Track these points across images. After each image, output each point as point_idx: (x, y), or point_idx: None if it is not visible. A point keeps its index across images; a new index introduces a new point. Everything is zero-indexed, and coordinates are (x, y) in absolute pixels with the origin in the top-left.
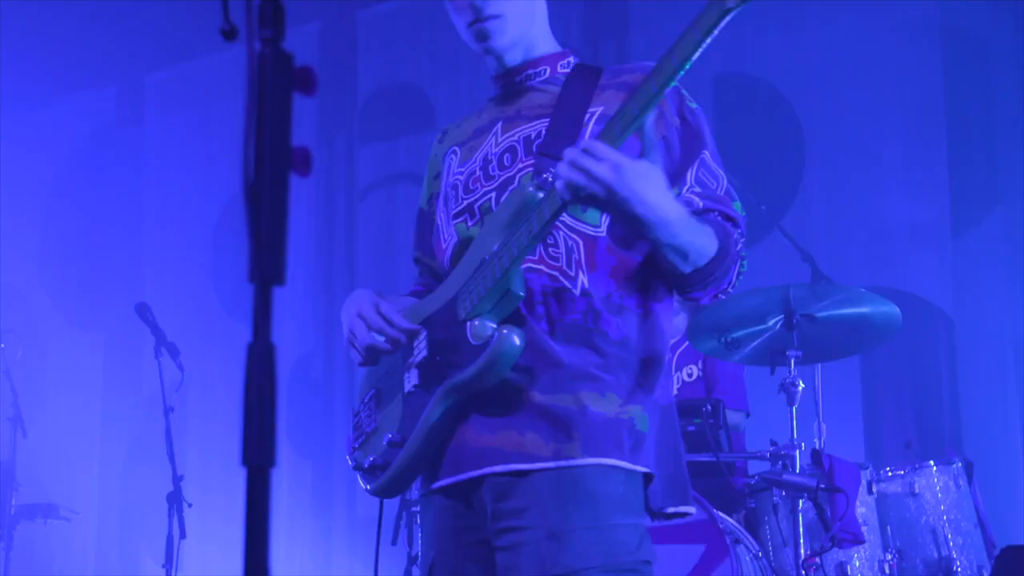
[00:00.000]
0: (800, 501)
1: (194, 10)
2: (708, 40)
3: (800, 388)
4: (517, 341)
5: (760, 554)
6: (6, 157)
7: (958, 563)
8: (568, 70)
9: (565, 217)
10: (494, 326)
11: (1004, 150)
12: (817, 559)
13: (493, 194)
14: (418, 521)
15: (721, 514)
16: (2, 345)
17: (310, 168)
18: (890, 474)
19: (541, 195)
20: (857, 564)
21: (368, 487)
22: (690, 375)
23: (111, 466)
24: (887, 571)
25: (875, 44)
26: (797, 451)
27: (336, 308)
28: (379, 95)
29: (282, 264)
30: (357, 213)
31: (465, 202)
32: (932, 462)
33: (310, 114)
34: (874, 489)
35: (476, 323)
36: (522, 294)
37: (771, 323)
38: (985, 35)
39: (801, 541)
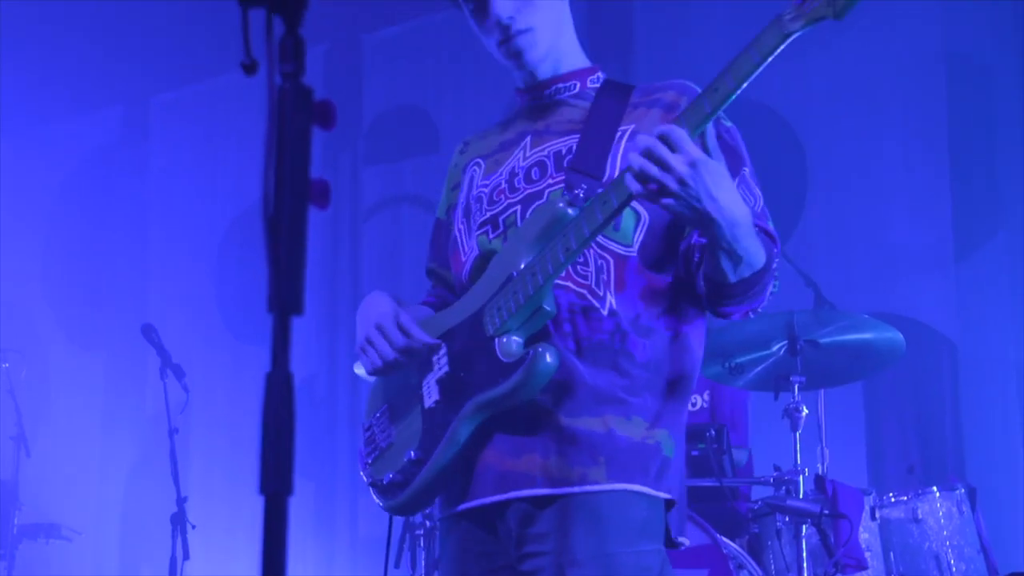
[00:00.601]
0: (804, 526)
1: (200, 33)
2: (766, 63)
3: (804, 414)
4: (551, 360)
5: None
6: (12, 176)
7: None
8: (597, 85)
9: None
10: (521, 342)
11: (1006, 174)
12: None
13: (518, 207)
14: (421, 544)
15: (724, 539)
16: (6, 364)
17: (329, 200)
18: (893, 500)
19: (571, 212)
20: None
21: (384, 504)
22: (693, 404)
23: (114, 486)
24: None
25: (877, 69)
26: (801, 476)
27: (340, 330)
28: (384, 117)
29: (301, 294)
30: (361, 235)
31: (489, 214)
32: (935, 488)
33: (315, 136)
34: (877, 515)
35: (505, 340)
36: (553, 311)
37: (775, 349)
38: (988, 60)
39: (805, 567)
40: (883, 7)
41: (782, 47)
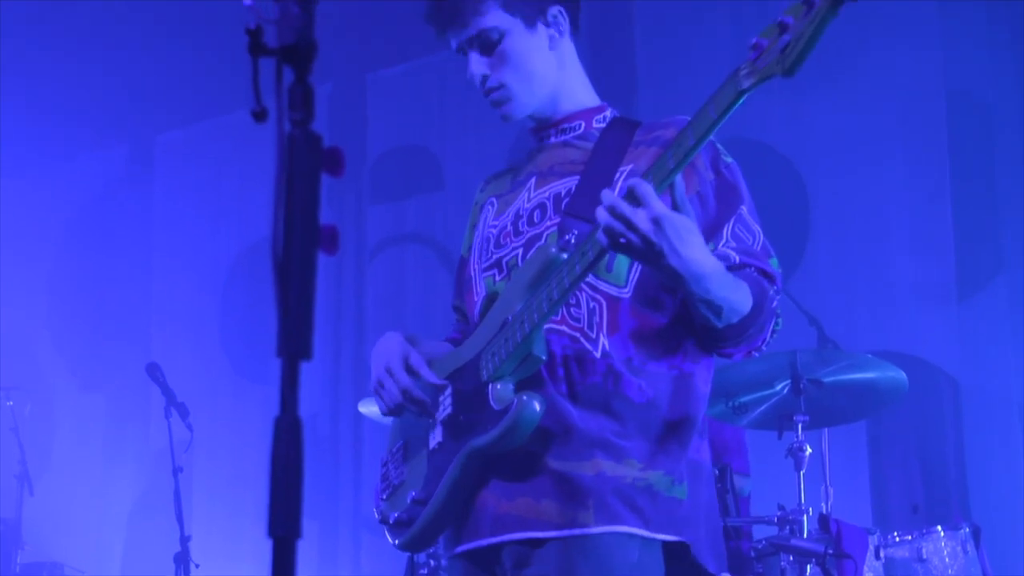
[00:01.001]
0: (808, 566)
1: (205, 72)
2: (724, 119)
3: (807, 453)
4: (537, 408)
5: None
6: (18, 214)
7: None
8: (603, 125)
9: (589, 277)
10: (512, 388)
11: (1009, 213)
12: None
13: (520, 250)
14: None
15: None
16: (10, 402)
17: (337, 246)
18: (897, 539)
19: (564, 257)
20: None
21: (394, 541)
22: None
23: (117, 525)
24: None
25: (879, 107)
26: (805, 516)
27: (344, 368)
28: (388, 156)
29: (309, 339)
30: (366, 273)
31: (495, 256)
32: (939, 527)
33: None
34: (882, 554)
35: (499, 387)
36: (543, 357)
37: (778, 388)
38: (989, 98)
39: None
40: (883, 45)
41: (739, 103)
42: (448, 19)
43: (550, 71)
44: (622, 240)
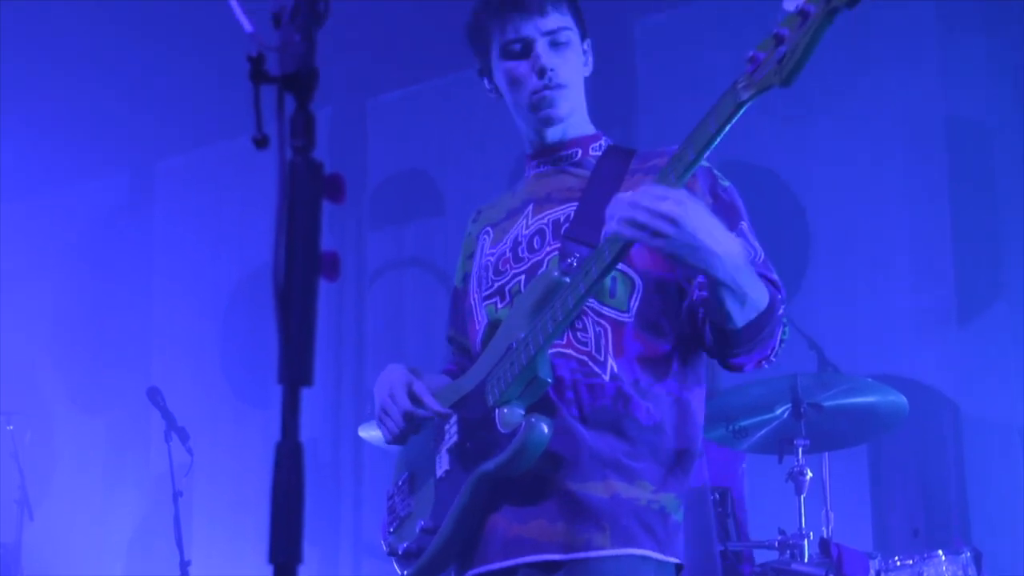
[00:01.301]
0: None
1: (205, 99)
2: (723, 132)
3: (808, 477)
4: (546, 430)
5: None
6: (19, 240)
7: None
8: (599, 153)
9: (592, 303)
10: (522, 413)
11: (1008, 237)
12: None
13: (522, 277)
14: None
15: None
16: (11, 427)
17: (338, 273)
18: (898, 563)
19: (567, 280)
20: None
21: (403, 573)
22: None
23: (117, 550)
24: None
25: (878, 131)
26: (805, 540)
27: (344, 392)
28: (389, 181)
29: (310, 366)
30: (366, 297)
31: (496, 284)
32: (940, 552)
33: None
34: None
35: (505, 411)
36: (549, 380)
37: (779, 412)
38: (989, 123)
39: None
40: (883, 70)
41: (738, 116)
42: (524, 4)
43: (583, 92)
44: (649, 231)
